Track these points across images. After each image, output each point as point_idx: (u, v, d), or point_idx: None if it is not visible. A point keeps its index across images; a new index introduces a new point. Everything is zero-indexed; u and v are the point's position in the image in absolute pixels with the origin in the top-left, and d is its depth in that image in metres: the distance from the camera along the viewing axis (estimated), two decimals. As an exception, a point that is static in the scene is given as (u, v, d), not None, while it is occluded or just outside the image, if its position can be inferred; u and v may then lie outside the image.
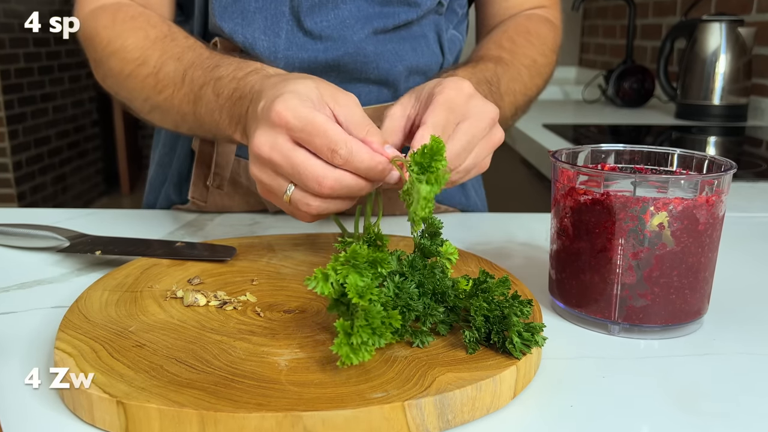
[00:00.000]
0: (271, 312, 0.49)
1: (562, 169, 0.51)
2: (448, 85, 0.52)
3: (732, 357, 0.47)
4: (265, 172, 0.50)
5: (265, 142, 0.48)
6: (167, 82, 0.64)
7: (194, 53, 0.64)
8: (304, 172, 0.47)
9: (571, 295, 0.51)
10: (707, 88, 1.64)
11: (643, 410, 0.40)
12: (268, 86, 0.52)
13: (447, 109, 0.51)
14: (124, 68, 0.68)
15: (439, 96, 0.52)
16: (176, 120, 0.66)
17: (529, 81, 0.74)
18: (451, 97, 0.51)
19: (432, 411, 0.37)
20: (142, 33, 0.67)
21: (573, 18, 2.70)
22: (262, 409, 0.36)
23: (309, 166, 0.47)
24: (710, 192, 0.47)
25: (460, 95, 0.52)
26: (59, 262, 0.64)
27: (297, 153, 0.47)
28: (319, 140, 0.47)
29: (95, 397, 0.37)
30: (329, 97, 0.50)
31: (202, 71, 0.61)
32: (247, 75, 0.57)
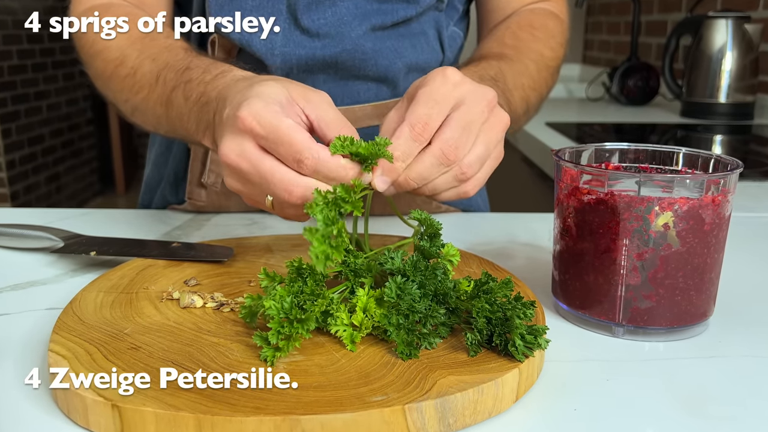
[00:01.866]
0: (269, 314, 0.49)
1: (565, 169, 0.51)
2: (430, 77, 0.50)
3: (738, 359, 0.47)
4: (239, 181, 0.49)
5: (232, 150, 0.47)
6: (143, 83, 0.64)
7: (169, 54, 0.63)
8: (272, 181, 0.46)
9: (575, 297, 0.51)
10: (713, 85, 1.64)
11: (647, 414, 0.40)
12: (234, 91, 0.51)
13: (430, 101, 0.49)
14: (106, 68, 0.68)
15: (420, 90, 0.50)
16: (153, 122, 0.66)
17: (537, 75, 0.72)
18: (434, 88, 0.49)
19: (433, 414, 0.37)
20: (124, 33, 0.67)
21: (576, 14, 2.70)
22: (260, 412, 0.36)
23: (276, 174, 0.46)
24: (716, 191, 0.47)
25: (445, 84, 0.50)
26: (53, 263, 0.64)
27: (264, 161, 0.46)
28: (284, 149, 0.45)
29: (90, 400, 0.37)
30: (299, 96, 0.48)
31: (174, 73, 0.61)
32: (215, 78, 0.56)
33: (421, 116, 0.48)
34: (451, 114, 0.49)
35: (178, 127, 0.62)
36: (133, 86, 0.65)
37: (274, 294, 0.43)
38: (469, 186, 0.52)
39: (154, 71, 0.63)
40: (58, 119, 4.10)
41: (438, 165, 0.49)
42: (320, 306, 0.43)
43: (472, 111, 0.50)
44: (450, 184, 0.51)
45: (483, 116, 0.50)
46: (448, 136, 0.49)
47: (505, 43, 0.73)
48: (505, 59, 0.69)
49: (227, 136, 0.48)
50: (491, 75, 0.64)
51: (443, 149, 0.48)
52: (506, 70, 0.67)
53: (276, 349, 0.42)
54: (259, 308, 0.45)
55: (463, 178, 0.50)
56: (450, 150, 0.49)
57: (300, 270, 0.46)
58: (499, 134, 0.52)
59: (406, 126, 0.48)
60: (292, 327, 0.42)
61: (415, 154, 0.49)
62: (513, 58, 0.70)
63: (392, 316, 0.43)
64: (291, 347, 0.42)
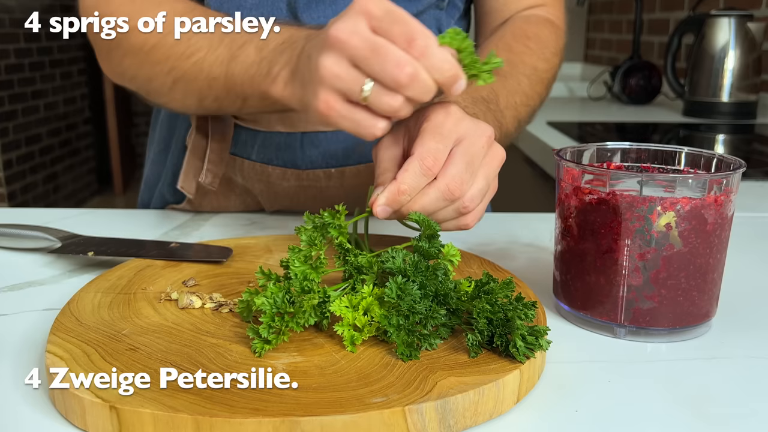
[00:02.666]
0: (268, 314, 0.49)
1: (566, 168, 0.51)
2: (434, 111, 0.52)
3: (741, 360, 0.47)
4: (341, 63, 0.48)
5: (344, 28, 0.47)
6: (200, 45, 0.63)
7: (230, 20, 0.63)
8: (385, 54, 0.46)
9: (576, 297, 0.51)
10: (716, 84, 1.64)
11: (650, 415, 0.40)
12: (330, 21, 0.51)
13: (435, 135, 0.50)
14: (148, 40, 0.66)
15: (427, 124, 0.51)
16: (202, 88, 0.65)
17: (530, 90, 0.73)
18: (440, 122, 0.51)
19: (433, 416, 0.37)
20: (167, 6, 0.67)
21: (578, 13, 2.70)
22: (259, 414, 0.36)
23: (390, 49, 0.46)
24: (719, 191, 0.47)
25: (449, 119, 0.51)
26: (50, 264, 0.64)
27: (378, 39, 0.47)
28: (399, 28, 0.46)
29: (88, 401, 0.37)
30: None
31: (242, 33, 0.61)
32: (299, 29, 0.57)
33: (430, 150, 0.50)
34: (454, 149, 0.51)
35: (238, 82, 0.61)
36: (184, 52, 0.64)
37: (267, 291, 0.44)
38: (469, 218, 0.53)
39: (217, 34, 0.63)
40: (56, 118, 4.10)
41: (442, 200, 0.51)
42: (309, 300, 0.44)
43: (474, 146, 0.51)
44: (451, 217, 0.52)
45: (483, 151, 0.52)
46: (453, 171, 0.50)
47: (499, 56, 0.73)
48: (498, 77, 0.69)
49: (340, 20, 0.48)
50: (483, 96, 0.65)
51: (449, 185, 0.50)
52: (499, 89, 0.68)
53: (266, 342, 0.43)
54: (254, 304, 0.46)
55: (465, 211, 0.52)
56: (456, 186, 0.50)
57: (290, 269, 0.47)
58: (497, 169, 0.54)
59: (416, 160, 0.50)
60: (283, 321, 0.43)
61: (421, 188, 0.50)
62: (506, 74, 0.71)
63: (392, 316, 0.43)
64: (280, 340, 0.43)
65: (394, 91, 0.47)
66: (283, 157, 0.77)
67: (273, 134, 0.77)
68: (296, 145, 0.77)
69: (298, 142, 0.77)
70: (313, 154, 0.77)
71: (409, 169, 0.49)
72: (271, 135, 0.77)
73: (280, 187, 0.79)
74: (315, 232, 0.49)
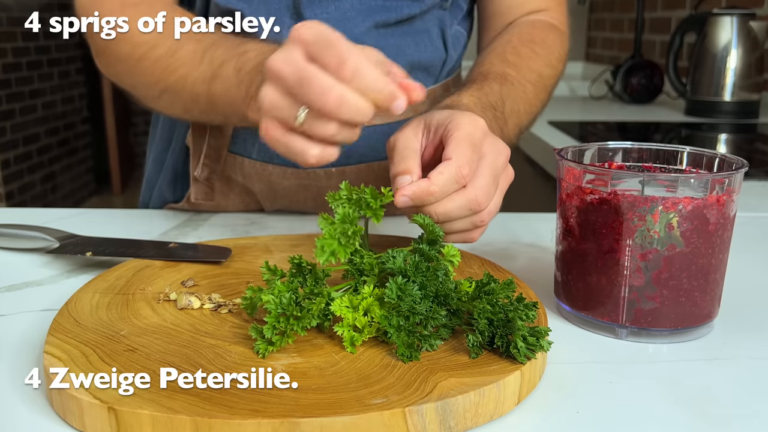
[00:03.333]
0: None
1: (568, 168, 0.51)
2: (465, 121, 0.53)
3: (743, 361, 0.47)
4: (276, 91, 0.49)
5: (279, 58, 0.48)
6: (183, 61, 0.64)
7: (216, 35, 0.64)
8: (310, 83, 0.47)
9: (578, 298, 0.51)
10: (718, 83, 1.64)
11: (651, 416, 0.40)
12: None
13: (470, 145, 0.52)
14: (135, 51, 0.67)
15: (459, 132, 0.52)
16: (187, 103, 0.66)
17: (534, 98, 0.73)
18: (471, 133, 0.52)
19: (434, 417, 0.37)
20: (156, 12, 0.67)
21: (579, 11, 2.70)
22: (258, 415, 0.36)
23: (315, 78, 0.47)
24: (721, 191, 0.47)
25: (477, 132, 0.53)
26: (48, 264, 0.64)
27: (308, 67, 0.47)
28: (329, 52, 0.47)
29: (86, 402, 0.37)
30: None
31: (224, 49, 0.61)
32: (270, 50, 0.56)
33: (467, 159, 0.51)
34: (482, 162, 0.53)
35: (220, 102, 0.62)
36: (167, 67, 0.65)
37: (274, 288, 0.44)
38: (477, 233, 0.55)
39: (199, 50, 0.63)
40: (54, 118, 4.10)
41: (466, 209, 0.52)
42: (318, 304, 0.44)
43: (497, 162, 0.53)
44: (465, 228, 0.54)
45: (502, 170, 0.54)
46: (482, 183, 0.52)
47: (507, 60, 0.74)
48: (506, 83, 0.70)
49: (281, 49, 0.49)
50: (492, 102, 0.66)
51: (478, 196, 0.52)
52: (506, 96, 0.69)
53: (269, 343, 0.42)
54: (259, 300, 0.46)
55: (480, 225, 0.54)
56: (483, 198, 0.52)
57: (300, 266, 0.47)
58: (506, 188, 0.56)
59: (454, 167, 0.51)
60: (288, 323, 0.42)
61: (450, 194, 0.51)
62: (513, 80, 0.71)
63: (393, 317, 0.43)
64: (284, 342, 0.43)
65: (326, 117, 0.48)
66: None
67: (273, 133, 0.77)
68: (296, 144, 0.77)
69: (298, 141, 0.77)
70: (313, 153, 0.77)
71: (445, 173, 0.50)
72: (272, 134, 0.77)
73: (280, 186, 0.79)
74: (351, 206, 0.47)
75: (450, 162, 0.51)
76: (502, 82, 0.70)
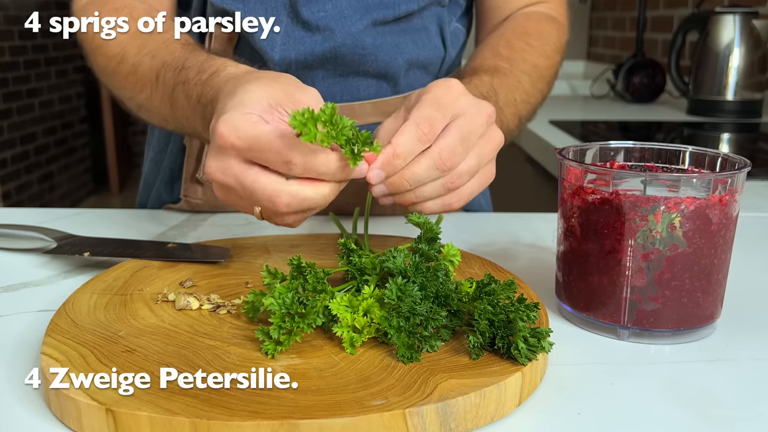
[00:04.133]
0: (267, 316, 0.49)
1: (569, 168, 0.51)
2: (435, 84, 0.52)
3: (746, 362, 0.47)
4: (227, 195, 0.49)
5: (216, 168, 0.48)
6: (145, 81, 0.64)
7: (167, 51, 0.63)
8: (255, 193, 0.46)
9: (579, 299, 0.51)
10: (720, 83, 1.64)
11: (653, 418, 0.40)
12: (221, 97, 0.51)
13: (434, 104, 0.50)
14: (108, 64, 0.68)
15: (426, 95, 0.51)
16: (160, 119, 0.67)
17: (530, 88, 0.73)
18: (439, 95, 0.51)
19: (434, 419, 0.37)
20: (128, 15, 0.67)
21: (581, 10, 2.70)
22: (257, 417, 0.36)
23: (259, 186, 0.46)
24: (723, 191, 0.47)
25: (449, 93, 0.51)
26: (46, 264, 0.64)
27: (247, 175, 0.46)
28: (271, 155, 0.45)
29: (83, 404, 0.37)
30: (285, 98, 0.48)
31: (172, 72, 0.61)
32: (210, 78, 0.56)
33: (427, 117, 0.49)
34: (452, 122, 0.51)
35: (185, 125, 0.62)
36: (135, 84, 0.65)
37: (274, 291, 0.44)
38: (454, 198, 0.53)
39: (154, 70, 0.63)
40: (51, 117, 4.10)
41: (433, 169, 0.50)
42: (322, 301, 0.44)
43: (472, 122, 0.51)
44: (438, 192, 0.52)
45: (481, 129, 0.52)
46: (448, 142, 0.50)
47: (500, 53, 0.73)
48: (498, 74, 0.69)
49: (212, 154, 0.48)
50: (483, 93, 0.65)
51: (441, 154, 0.49)
52: (498, 86, 0.68)
53: (277, 343, 0.43)
54: (260, 304, 0.46)
55: (452, 187, 0.51)
56: (447, 156, 0.50)
57: (300, 268, 0.47)
58: (493, 152, 0.54)
59: (411, 125, 0.49)
60: (293, 322, 0.43)
61: (416, 154, 0.49)
62: (506, 72, 0.71)
63: (393, 318, 0.43)
64: (292, 341, 0.43)
65: None
66: None
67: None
68: (295, 144, 0.77)
69: (296, 141, 0.77)
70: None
71: (405, 133, 0.49)
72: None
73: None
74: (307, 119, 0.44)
75: (408, 122, 0.49)
76: (493, 74, 0.69)
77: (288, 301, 0.43)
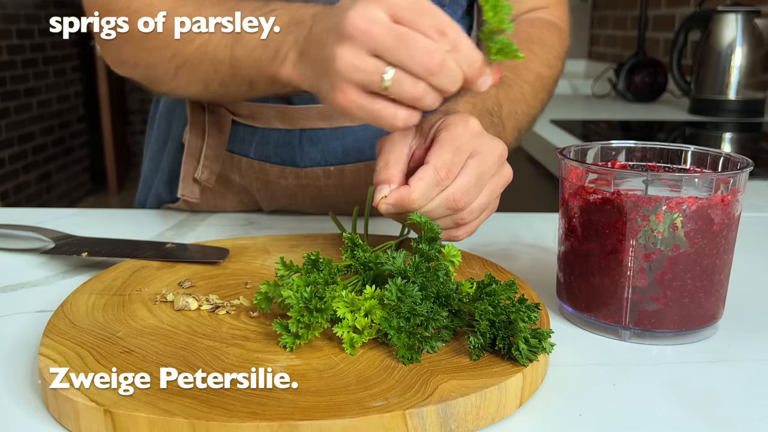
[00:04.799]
0: (266, 317, 0.49)
1: (570, 167, 0.51)
2: (454, 122, 0.53)
3: (748, 363, 0.47)
4: (359, 53, 0.47)
5: (361, 15, 0.46)
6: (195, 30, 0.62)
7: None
8: (414, 43, 0.46)
9: (580, 299, 0.51)
10: (722, 82, 1.64)
11: (655, 419, 0.40)
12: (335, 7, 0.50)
13: (454, 147, 0.51)
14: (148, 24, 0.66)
15: (445, 132, 0.52)
16: (207, 73, 0.64)
17: (532, 99, 0.73)
18: (458, 134, 0.52)
19: (434, 420, 0.37)
20: None
21: (582, 9, 2.70)
22: (256, 418, 0.36)
23: (417, 38, 0.46)
24: (725, 191, 0.47)
25: (466, 132, 0.53)
26: (43, 265, 0.64)
27: (401, 27, 0.46)
28: (428, 19, 0.46)
29: (81, 405, 0.37)
30: None
31: (248, 11, 0.60)
32: (303, 6, 0.56)
33: (446, 162, 0.51)
34: (468, 161, 0.52)
35: (243, 66, 0.60)
36: (187, 36, 0.63)
37: (291, 283, 0.44)
38: (461, 231, 0.55)
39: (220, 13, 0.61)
40: (49, 116, 4.10)
41: (445, 207, 0.52)
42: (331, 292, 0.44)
43: (485, 162, 0.53)
44: (446, 226, 0.54)
45: (494, 169, 0.54)
46: (462, 182, 0.52)
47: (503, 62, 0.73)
48: (503, 86, 0.70)
49: (356, 7, 0.47)
50: (488, 108, 0.65)
51: (455, 194, 0.52)
52: (503, 99, 0.68)
53: (296, 337, 0.43)
54: (276, 296, 0.47)
55: (462, 223, 0.54)
56: (460, 196, 0.52)
57: (316, 263, 0.47)
58: (501, 188, 0.56)
59: (431, 169, 0.51)
60: (312, 316, 0.43)
61: (432, 198, 0.51)
62: (510, 82, 0.71)
63: (393, 318, 0.43)
64: (311, 335, 0.43)
65: (417, 78, 0.47)
66: (282, 154, 0.77)
67: (271, 131, 0.77)
68: (295, 143, 0.77)
69: (296, 139, 0.77)
70: (312, 152, 0.77)
71: (423, 178, 0.51)
72: (270, 132, 0.77)
73: (278, 186, 0.79)
74: None
75: (428, 166, 0.51)
76: (499, 85, 0.69)
77: (306, 294, 0.43)
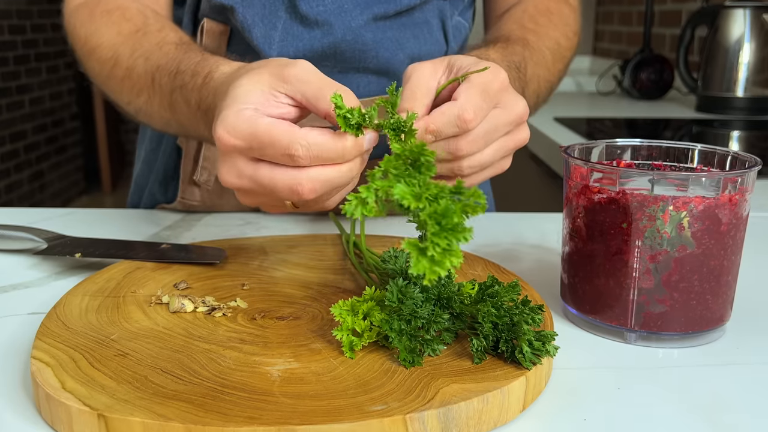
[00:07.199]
0: (263, 319, 0.49)
1: (574, 166, 0.51)
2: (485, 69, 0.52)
3: (756, 367, 0.47)
4: (251, 198, 0.49)
5: (228, 173, 0.48)
6: (141, 85, 0.64)
7: (160, 53, 0.63)
8: (276, 189, 0.46)
9: (585, 301, 0.51)
10: (730, 79, 1.64)
11: (661, 424, 0.40)
12: (218, 100, 0.51)
13: (482, 92, 0.50)
14: (102, 69, 0.68)
15: (477, 78, 0.51)
16: (162, 124, 0.67)
17: (552, 66, 0.74)
18: (489, 81, 0.51)
19: (435, 425, 0.37)
20: (115, 29, 0.67)
21: (587, 4, 2.70)
22: (254, 422, 0.36)
23: (278, 180, 0.46)
24: (733, 190, 0.47)
25: (496, 81, 0.52)
26: (36, 266, 0.64)
27: (260, 172, 0.46)
28: (271, 150, 0.45)
29: (75, 409, 0.37)
30: (276, 80, 0.48)
31: (167, 77, 0.61)
32: (205, 83, 0.56)
33: (474, 106, 0.49)
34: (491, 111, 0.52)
35: (189, 130, 0.63)
36: (132, 88, 0.65)
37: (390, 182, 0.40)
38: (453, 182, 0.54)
39: (149, 73, 0.63)
40: (42, 114, 4.10)
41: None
42: None
43: (503, 117, 0.52)
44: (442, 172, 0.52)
45: (508, 126, 0.53)
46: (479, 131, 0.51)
47: (526, 26, 0.74)
48: (528, 47, 0.70)
49: (220, 161, 0.48)
50: (516, 62, 0.66)
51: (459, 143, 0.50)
52: (528, 58, 0.69)
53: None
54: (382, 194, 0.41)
55: (459, 172, 0.52)
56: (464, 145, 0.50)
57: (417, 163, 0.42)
58: (513, 149, 0.55)
59: (456, 108, 0.49)
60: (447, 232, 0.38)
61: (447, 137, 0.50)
62: (533, 45, 0.72)
63: (394, 321, 0.43)
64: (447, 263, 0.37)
65: None
66: None
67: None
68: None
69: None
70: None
71: (446, 113, 0.49)
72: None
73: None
74: None
75: (455, 103, 0.50)
76: (525, 45, 0.70)
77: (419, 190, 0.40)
